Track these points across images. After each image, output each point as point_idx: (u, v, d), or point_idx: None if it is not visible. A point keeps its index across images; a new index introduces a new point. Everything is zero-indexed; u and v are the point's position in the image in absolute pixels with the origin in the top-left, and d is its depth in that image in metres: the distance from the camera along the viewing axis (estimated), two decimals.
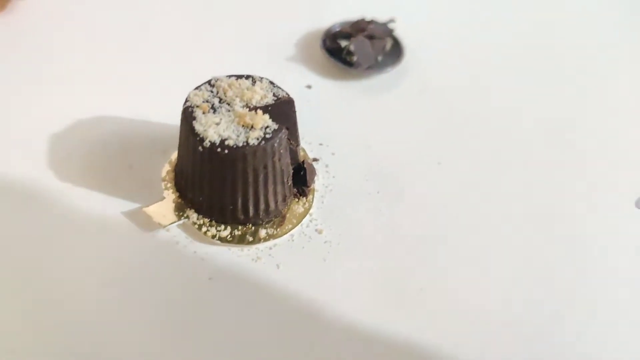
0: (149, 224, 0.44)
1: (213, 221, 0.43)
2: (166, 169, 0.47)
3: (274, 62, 0.58)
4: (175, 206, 0.44)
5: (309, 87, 0.56)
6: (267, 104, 0.42)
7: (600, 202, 0.50)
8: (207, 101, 0.42)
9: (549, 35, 0.63)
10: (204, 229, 0.43)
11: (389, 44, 0.59)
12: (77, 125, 0.50)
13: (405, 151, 0.52)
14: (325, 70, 0.58)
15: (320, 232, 0.45)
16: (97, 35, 0.58)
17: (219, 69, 0.54)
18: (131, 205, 0.45)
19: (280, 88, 0.43)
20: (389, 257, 0.44)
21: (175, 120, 0.49)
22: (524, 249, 0.46)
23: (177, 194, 0.45)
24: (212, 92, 0.42)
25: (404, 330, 0.41)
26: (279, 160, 0.42)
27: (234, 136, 0.40)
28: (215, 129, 0.40)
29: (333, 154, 0.51)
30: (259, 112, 0.41)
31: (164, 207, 0.44)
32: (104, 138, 0.49)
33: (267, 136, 0.40)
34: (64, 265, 0.42)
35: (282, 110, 0.42)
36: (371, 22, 0.59)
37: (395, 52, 0.59)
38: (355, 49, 0.56)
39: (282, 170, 0.43)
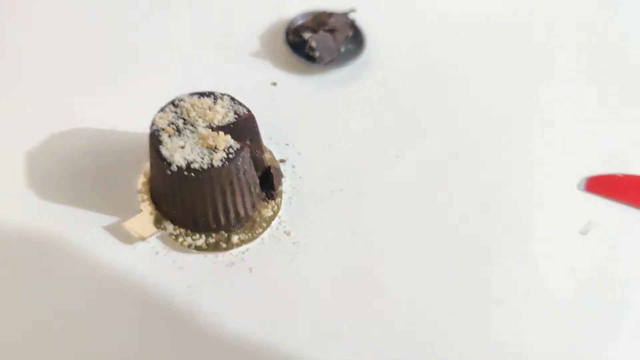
0: (129, 238, 0.47)
1: (188, 231, 0.47)
2: (141, 180, 0.49)
3: (240, 58, 0.60)
4: (153, 218, 0.47)
5: (274, 84, 0.58)
6: (228, 122, 0.44)
7: (547, 187, 0.53)
8: (171, 123, 0.44)
9: (509, 24, 0.64)
10: (180, 239, 0.47)
11: (348, 36, 0.61)
12: (47, 141, 0.52)
13: (365, 146, 0.55)
14: (289, 66, 0.59)
15: (288, 233, 0.49)
16: (58, 46, 0.59)
17: (184, 69, 0.57)
18: (111, 220, 0.48)
19: (240, 105, 0.46)
20: (353, 254, 0.48)
21: (146, 128, 0.52)
22: (478, 238, 0.50)
23: (154, 205, 0.48)
24: (175, 112, 0.45)
25: (371, 323, 0.45)
26: (244, 174, 0.45)
27: (198, 159, 0.42)
28: (181, 153, 0.42)
29: (299, 153, 0.54)
30: (221, 133, 0.43)
31: (142, 219, 0.47)
32: (75, 153, 0.51)
33: (230, 156, 0.43)
34: (47, 284, 0.45)
35: (244, 127, 0.45)
36: (331, 14, 0.60)
37: (357, 42, 0.61)
38: (317, 45, 0.58)
39: (248, 183, 0.46)
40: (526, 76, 0.60)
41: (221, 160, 0.42)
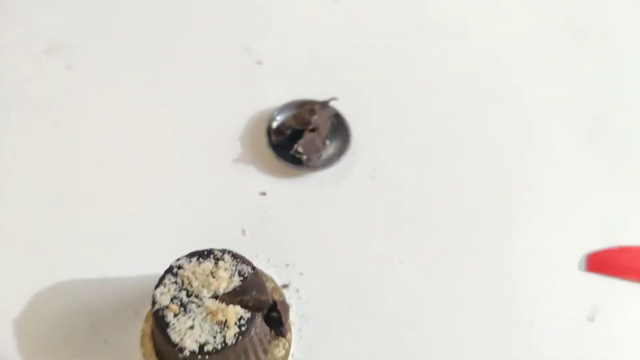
0: None
1: None
2: (141, 336, 0.47)
3: (222, 167, 0.56)
4: None
5: (263, 194, 0.56)
6: (235, 287, 0.42)
7: (547, 272, 0.52)
8: (174, 297, 0.41)
9: (498, 101, 0.62)
10: None
11: (332, 129, 0.58)
12: (32, 300, 0.48)
13: (367, 252, 0.53)
14: (276, 171, 0.56)
15: None
16: (27, 200, 0.53)
17: (164, 191, 0.54)
18: None
19: (244, 262, 0.43)
20: None
21: (138, 272, 0.49)
22: (483, 337, 0.49)
23: None
24: (176, 283, 0.42)
25: None
26: (257, 335, 0.43)
27: (211, 339, 0.40)
28: (191, 335, 0.40)
29: (301, 274, 0.52)
30: (230, 307, 0.41)
31: None
32: (66, 310, 0.48)
33: (243, 329, 0.41)
34: None
35: (250, 285, 0.42)
36: (313, 109, 0.57)
37: (342, 133, 0.58)
38: (304, 149, 0.55)
39: (260, 340, 0.44)
40: (515, 154, 0.59)
41: (234, 336, 0.40)
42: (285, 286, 0.51)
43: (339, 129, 0.58)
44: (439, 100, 0.62)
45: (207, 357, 0.40)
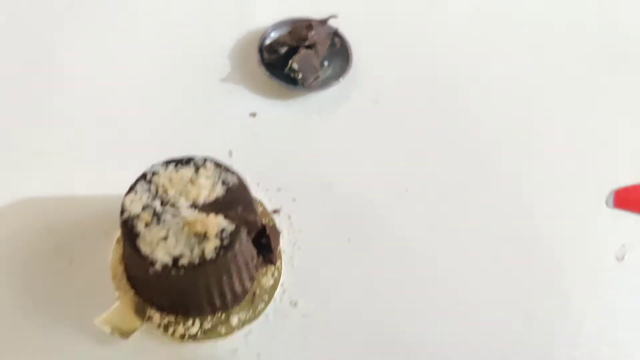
0: (106, 336, 0.39)
1: (179, 317, 0.40)
2: (111, 258, 0.41)
3: (210, 85, 0.51)
4: (134, 307, 0.40)
5: (253, 114, 0.50)
6: (216, 198, 0.37)
7: (574, 209, 0.48)
8: (147, 206, 0.36)
9: (502, 29, 0.57)
10: (170, 329, 0.39)
11: (330, 48, 0.52)
12: None
13: (369, 180, 0.48)
14: (268, 90, 0.51)
15: (295, 304, 0.42)
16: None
17: (144, 106, 0.48)
18: (81, 315, 0.40)
19: (228, 171, 0.38)
20: (373, 320, 0.42)
21: (111, 191, 0.43)
22: (506, 274, 0.44)
23: (132, 291, 0.40)
24: (149, 191, 0.36)
25: None
26: (242, 255, 0.37)
27: (187, 252, 0.35)
28: (164, 247, 0.34)
29: (294, 199, 0.46)
30: (211, 216, 0.35)
31: (121, 311, 0.39)
32: (31, 229, 0.43)
33: (225, 243, 0.35)
34: None
35: (235, 197, 0.37)
36: (310, 25, 0.51)
37: (342, 54, 0.52)
38: (299, 66, 0.50)
39: (245, 261, 0.38)
40: (534, 83, 0.53)
41: (215, 250, 0.35)
42: (276, 211, 0.45)
43: (339, 49, 0.52)
44: (452, 19, 0.56)
45: (181, 271, 0.34)
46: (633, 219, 0.48)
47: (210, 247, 0.35)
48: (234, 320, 0.40)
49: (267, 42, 0.52)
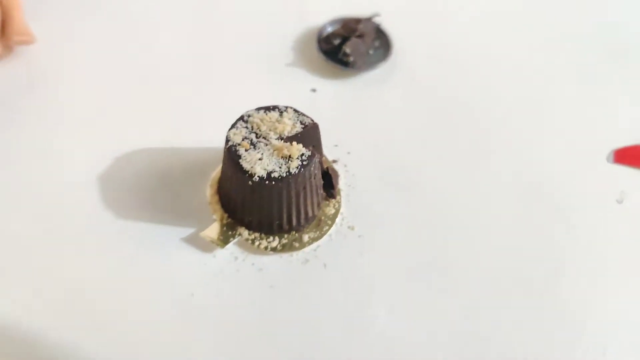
0: (208, 247, 0.51)
1: (262, 234, 0.51)
2: (209, 192, 0.53)
3: (277, 70, 0.64)
4: (227, 226, 0.51)
5: (313, 90, 0.62)
6: (296, 133, 0.48)
7: (578, 164, 0.58)
8: (245, 138, 0.48)
9: (533, 18, 0.70)
10: (256, 242, 0.50)
11: (376, 39, 0.65)
12: (114, 164, 0.55)
13: (409, 142, 0.59)
14: (324, 72, 0.63)
15: (352, 228, 0.53)
16: (108, 72, 0.61)
17: (226, 85, 0.61)
18: (187, 232, 0.51)
19: (304, 115, 0.50)
20: (417, 243, 0.52)
21: (203, 142, 0.55)
22: (523, 219, 0.54)
23: (226, 214, 0.51)
24: (247, 128, 0.48)
25: (447, 307, 0.49)
26: (314, 178, 0.48)
27: (277, 168, 0.46)
28: (260, 164, 0.46)
29: (349, 153, 0.58)
30: (294, 143, 0.47)
31: (218, 228, 0.51)
32: (142, 172, 0.54)
33: (304, 163, 0.47)
34: (131, 298, 0.48)
35: (310, 135, 0.48)
36: (359, 20, 0.64)
37: (384, 44, 0.65)
38: (351, 51, 0.62)
39: (316, 185, 0.50)
40: (546, 59, 0.66)
41: (297, 168, 0.46)
42: (334, 161, 0.57)
43: (382, 41, 0.65)
44: (470, 19, 0.69)
45: (272, 182, 0.46)
46: (630, 171, 0.58)
47: (293, 165, 0.47)
48: (305, 237, 0.51)
49: (324, 34, 0.64)
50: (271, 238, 0.51)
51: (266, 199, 0.47)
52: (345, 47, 0.62)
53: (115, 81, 0.61)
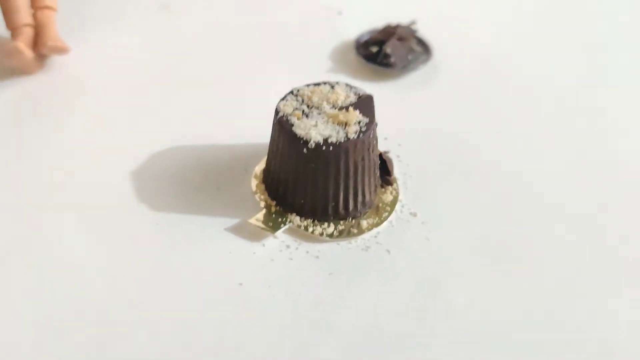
0: (255, 235, 0.46)
1: (315, 221, 0.46)
2: (254, 183, 0.49)
3: (316, 77, 0.60)
4: (276, 213, 0.46)
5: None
6: (351, 102, 0.45)
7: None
8: (296, 109, 0.44)
9: (563, 16, 0.70)
10: (310, 229, 0.45)
11: (414, 44, 0.64)
12: (155, 160, 0.51)
13: (461, 131, 0.56)
14: (364, 75, 0.61)
15: (415, 215, 0.48)
16: (145, 74, 0.60)
17: (268, 90, 0.58)
18: (232, 222, 0.47)
19: (356, 87, 0.47)
20: (481, 224, 0.48)
21: (244, 138, 0.52)
22: (594, 196, 0.50)
23: (274, 202, 0.47)
24: (297, 100, 0.45)
25: (517, 292, 0.44)
26: (372, 151, 0.44)
27: (334, 134, 0.42)
28: (316, 130, 0.42)
29: (399, 145, 0.54)
30: (350, 109, 0.44)
31: (266, 216, 0.46)
32: (183, 168, 0.51)
33: (363, 129, 0.43)
34: (174, 290, 0.43)
35: (365, 106, 0.45)
36: (397, 26, 0.63)
37: (423, 49, 0.64)
38: (391, 51, 0.60)
39: (374, 161, 0.45)
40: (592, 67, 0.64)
41: (355, 133, 0.43)
42: (386, 152, 0.53)
43: (420, 47, 0.64)
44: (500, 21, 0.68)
45: (331, 147, 0.42)
46: None
47: (351, 131, 0.43)
48: (364, 223, 0.46)
49: (362, 41, 0.63)
50: (325, 224, 0.46)
51: (322, 171, 0.43)
52: (386, 48, 0.60)
53: (151, 82, 0.59)
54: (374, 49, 0.63)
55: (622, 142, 0.56)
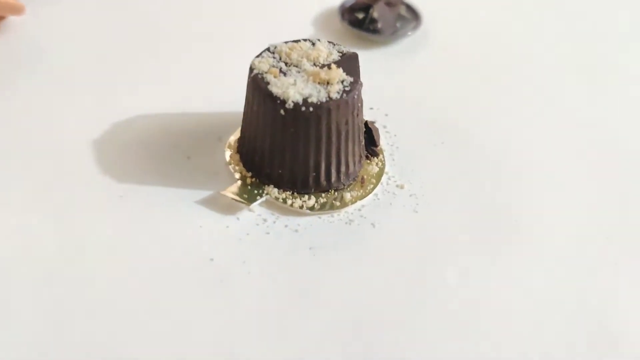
0: (229, 208, 0.41)
1: (295, 193, 0.42)
2: (228, 153, 0.45)
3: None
4: (252, 185, 0.42)
5: None
6: (334, 60, 0.41)
7: None
8: (273, 66, 0.40)
9: None
10: (288, 201, 0.41)
11: (403, 10, 0.60)
12: (120, 127, 0.47)
13: (453, 102, 0.52)
14: (350, 41, 0.57)
15: (402, 187, 0.44)
16: (110, 36, 0.55)
17: (245, 57, 0.53)
18: (204, 194, 0.42)
19: (340, 45, 0.42)
20: (473, 197, 0.44)
21: (218, 106, 0.48)
22: (584, 164, 0.47)
23: (249, 174, 0.43)
24: (274, 57, 0.41)
25: (508, 267, 0.40)
26: (357, 115, 0.40)
27: (315, 93, 0.38)
28: (294, 89, 0.38)
29: (386, 115, 0.50)
30: (333, 66, 0.39)
31: (241, 188, 0.42)
32: (151, 136, 0.46)
33: (347, 89, 0.39)
34: (139, 263, 0.39)
35: (350, 65, 0.41)
36: None
37: (410, 16, 0.60)
38: (378, 16, 0.56)
39: (359, 127, 0.41)
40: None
41: (338, 93, 0.38)
42: (372, 122, 0.49)
43: (410, 12, 0.59)
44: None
45: (310, 109, 0.37)
46: None
47: (334, 90, 0.39)
48: (347, 196, 0.42)
49: (347, 5, 0.59)
50: (306, 197, 0.42)
51: (302, 135, 0.39)
52: (373, 12, 0.56)
53: (116, 45, 0.54)
54: (360, 15, 0.58)
55: (617, 113, 0.52)
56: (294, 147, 0.40)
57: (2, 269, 0.38)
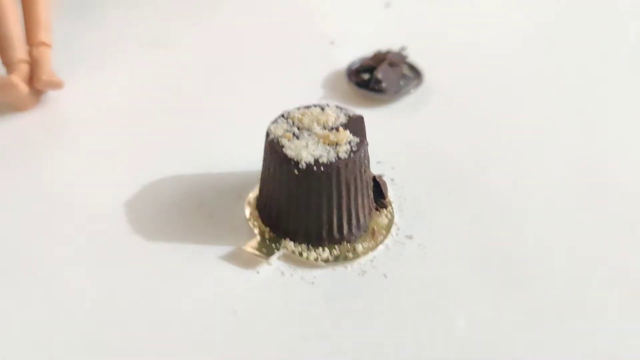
0: (250, 262, 0.44)
1: (310, 246, 0.45)
2: (248, 210, 0.48)
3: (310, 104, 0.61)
4: (270, 240, 0.45)
5: None
6: (341, 123, 0.45)
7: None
8: (287, 131, 0.44)
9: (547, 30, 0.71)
10: (304, 254, 0.44)
11: (406, 69, 0.64)
12: (148, 190, 0.51)
13: (455, 152, 0.55)
14: (357, 101, 0.61)
15: (410, 237, 0.47)
16: (137, 106, 0.60)
17: (259, 121, 0.57)
18: (226, 250, 0.45)
19: (347, 109, 0.46)
20: (479, 244, 0.46)
21: (237, 166, 0.52)
22: (590, 209, 0.49)
23: (267, 229, 0.46)
24: (288, 122, 0.45)
25: (517, 313, 0.42)
26: (365, 172, 0.44)
27: (325, 154, 0.42)
28: (307, 151, 0.42)
29: (393, 168, 0.53)
30: (341, 129, 0.43)
31: (260, 242, 0.45)
32: (176, 197, 0.50)
33: (354, 149, 0.43)
34: (166, 318, 0.42)
35: (356, 127, 0.45)
36: (388, 52, 0.64)
37: (413, 75, 0.64)
38: (382, 77, 0.60)
39: (367, 182, 0.45)
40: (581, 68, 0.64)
41: (346, 153, 0.42)
42: (380, 176, 0.52)
43: (411, 72, 0.64)
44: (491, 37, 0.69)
45: (321, 168, 0.41)
46: None
47: (342, 150, 0.42)
48: (359, 247, 0.45)
49: (353, 68, 0.63)
50: (320, 249, 0.44)
51: (314, 193, 0.42)
52: (377, 73, 0.60)
53: (144, 114, 0.59)
54: (366, 76, 0.63)
55: (620, 159, 0.55)
56: (307, 203, 0.43)
57: (48, 312, 0.42)
